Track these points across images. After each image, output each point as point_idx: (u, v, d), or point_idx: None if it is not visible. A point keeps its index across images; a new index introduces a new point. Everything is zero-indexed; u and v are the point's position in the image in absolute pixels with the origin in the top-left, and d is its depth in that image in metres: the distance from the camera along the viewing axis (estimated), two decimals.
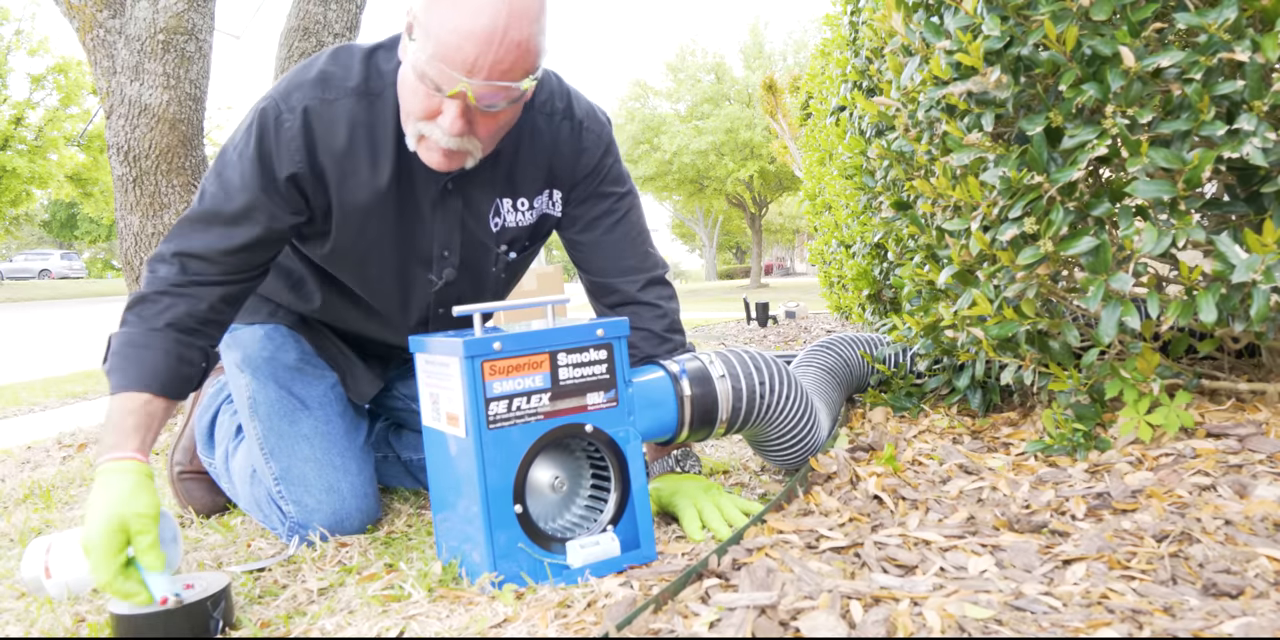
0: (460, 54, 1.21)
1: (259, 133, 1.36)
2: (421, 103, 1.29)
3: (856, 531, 1.27)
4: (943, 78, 1.56)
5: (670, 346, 1.57)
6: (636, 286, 1.59)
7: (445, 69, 1.22)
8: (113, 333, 1.36)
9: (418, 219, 1.47)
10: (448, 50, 1.21)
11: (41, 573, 1.30)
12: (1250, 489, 1.26)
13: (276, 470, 1.51)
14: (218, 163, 1.41)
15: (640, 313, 1.58)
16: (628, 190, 1.61)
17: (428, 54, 1.22)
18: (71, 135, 21.27)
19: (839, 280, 4.18)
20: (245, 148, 1.37)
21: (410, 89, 1.30)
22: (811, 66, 4.63)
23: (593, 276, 1.62)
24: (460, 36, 1.20)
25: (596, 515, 1.28)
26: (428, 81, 1.25)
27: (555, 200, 1.57)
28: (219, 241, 1.38)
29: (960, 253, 1.61)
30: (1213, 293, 1.30)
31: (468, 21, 1.20)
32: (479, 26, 1.20)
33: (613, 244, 1.59)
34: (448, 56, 1.21)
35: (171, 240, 1.39)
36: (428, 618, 1.10)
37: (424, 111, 1.29)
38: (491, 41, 1.21)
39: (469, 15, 1.20)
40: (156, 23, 2.78)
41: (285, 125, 1.36)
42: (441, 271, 1.54)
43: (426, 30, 1.22)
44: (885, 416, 2.03)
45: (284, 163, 1.37)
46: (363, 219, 1.44)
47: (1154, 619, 0.92)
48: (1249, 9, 1.29)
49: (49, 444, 2.91)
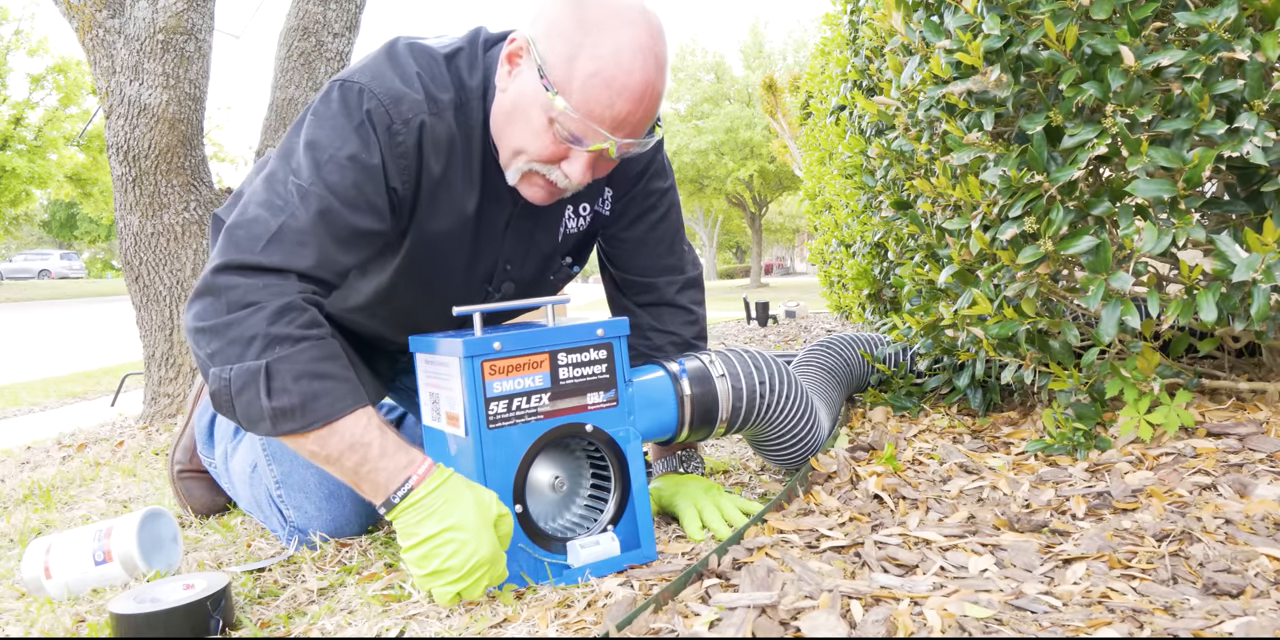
0: (612, 111, 1.11)
1: (369, 134, 1.18)
2: (546, 147, 1.17)
3: (857, 531, 1.27)
4: (943, 77, 1.56)
5: None
6: (675, 288, 1.55)
7: (590, 124, 1.12)
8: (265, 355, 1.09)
9: (491, 239, 1.38)
10: (598, 107, 1.11)
11: (41, 573, 1.30)
12: (1251, 488, 1.26)
13: (278, 473, 1.50)
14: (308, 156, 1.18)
15: (673, 316, 1.55)
16: (669, 185, 1.53)
17: (570, 103, 1.11)
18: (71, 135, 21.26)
19: (839, 280, 4.18)
20: (361, 150, 1.18)
21: (529, 130, 1.17)
22: (811, 66, 4.63)
23: (629, 275, 1.55)
24: (613, 93, 1.10)
25: (596, 515, 1.28)
26: (562, 131, 1.14)
27: (606, 198, 1.48)
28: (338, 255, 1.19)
29: (960, 252, 1.61)
30: (1213, 292, 1.30)
31: (622, 76, 1.10)
32: (634, 83, 1.10)
33: (655, 241, 1.53)
34: (597, 113, 1.11)
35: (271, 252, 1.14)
36: (428, 618, 1.10)
37: (546, 155, 1.18)
38: (644, 98, 1.12)
39: (624, 70, 1.09)
40: (156, 22, 2.78)
41: (399, 139, 1.20)
42: (501, 285, 1.46)
43: (567, 75, 1.10)
44: (885, 416, 2.03)
45: (393, 176, 1.21)
46: (439, 242, 1.33)
47: (1154, 618, 0.92)
48: (1249, 8, 1.29)
49: (49, 444, 2.91)
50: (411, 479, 1.11)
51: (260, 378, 1.09)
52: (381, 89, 1.18)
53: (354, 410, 1.12)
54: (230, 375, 1.11)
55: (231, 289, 1.12)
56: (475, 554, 1.09)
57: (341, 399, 1.11)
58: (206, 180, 2.99)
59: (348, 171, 1.18)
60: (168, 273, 2.90)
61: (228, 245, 1.15)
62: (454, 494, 1.11)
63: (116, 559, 1.31)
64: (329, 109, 1.20)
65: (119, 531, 1.33)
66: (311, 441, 1.12)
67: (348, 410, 1.11)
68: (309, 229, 1.16)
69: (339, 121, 1.19)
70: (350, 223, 1.19)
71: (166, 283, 2.91)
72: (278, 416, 1.10)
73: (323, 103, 1.22)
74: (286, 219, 1.16)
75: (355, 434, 1.11)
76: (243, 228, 1.16)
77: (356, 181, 1.18)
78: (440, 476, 1.12)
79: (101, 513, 1.84)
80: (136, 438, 2.77)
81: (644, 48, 1.11)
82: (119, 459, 2.48)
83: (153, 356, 2.95)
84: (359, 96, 1.19)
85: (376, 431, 1.12)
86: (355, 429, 1.11)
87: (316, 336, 1.13)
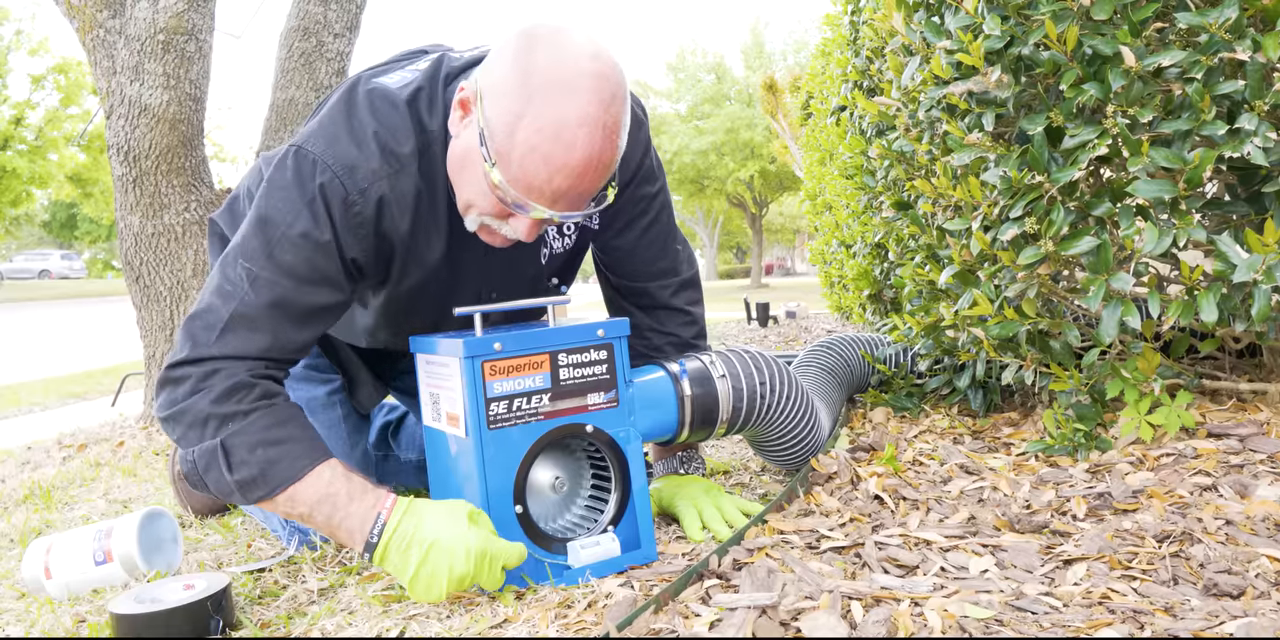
0: (551, 186, 1.08)
1: (322, 210, 1.17)
2: (493, 206, 1.15)
3: (857, 531, 1.27)
4: (943, 77, 1.56)
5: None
6: (669, 292, 1.54)
7: (526, 198, 1.09)
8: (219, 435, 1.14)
9: (471, 273, 1.37)
10: (536, 181, 1.07)
11: (42, 573, 1.30)
12: (1251, 489, 1.26)
13: None
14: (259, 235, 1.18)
15: (670, 318, 1.55)
16: (660, 187, 1.50)
17: (507, 177, 1.08)
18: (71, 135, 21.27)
19: (839, 280, 4.18)
20: (312, 227, 1.16)
21: (475, 187, 1.15)
22: (812, 66, 4.63)
23: (624, 280, 1.54)
24: (552, 169, 1.06)
25: (597, 515, 1.28)
26: (505, 198, 1.11)
27: (594, 216, 1.44)
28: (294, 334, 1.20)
29: (961, 252, 1.61)
30: (1214, 292, 1.30)
31: (560, 153, 1.05)
32: (574, 160, 1.06)
33: (646, 246, 1.50)
34: (535, 187, 1.08)
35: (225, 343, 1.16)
36: (428, 618, 1.10)
37: (493, 212, 1.16)
38: (585, 174, 1.08)
39: (564, 146, 1.05)
40: (156, 23, 2.78)
41: (355, 209, 1.18)
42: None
43: (507, 146, 1.07)
44: (886, 417, 2.03)
45: (349, 248, 1.20)
46: (418, 282, 1.33)
47: (1155, 619, 0.92)
48: (1250, 8, 1.29)
49: (49, 444, 2.91)
50: (382, 513, 1.14)
51: (219, 455, 1.14)
52: (335, 159, 1.17)
53: (314, 467, 1.15)
54: (194, 457, 1.16)
55: (185, 380, 1.16)
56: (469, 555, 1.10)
57: (299, 459, 1.15)
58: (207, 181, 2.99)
59: (301, 249, 1.17)
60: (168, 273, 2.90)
61: (184, 339, 1.18)
62: (421, 512, 1.14)
63: (117, 559, 1.31)
64: (283, 178, 1.19)
65: (119, 532, 1.33)
66: (282, 504, 1.16)
67: (308, 469, 1.15)
68: (261, 315, 1.17)
69: (291, 194, 1.18)
70: (305, 302, 1.19)
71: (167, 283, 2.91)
72: (244, 488, 1.14)
73: (278, 171, 1.20)
74: (237, 306, 1.17)
75: (320, 488, 1.15)
76: (199, 319, 1.19)
77: (309, 258, 1.18)
78: (404, 503, 1.16)
79: (102, 513, 1.84)
80: (137, 438, 2.78)
81: (590, 119, 1.05)
82: (119, 459, 2.48)
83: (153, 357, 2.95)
84: (312, 168, 1.17)
85: (342, 481, 1.16)
86: (319, 483, 1.15)
87: (266, 405, 1.16)
